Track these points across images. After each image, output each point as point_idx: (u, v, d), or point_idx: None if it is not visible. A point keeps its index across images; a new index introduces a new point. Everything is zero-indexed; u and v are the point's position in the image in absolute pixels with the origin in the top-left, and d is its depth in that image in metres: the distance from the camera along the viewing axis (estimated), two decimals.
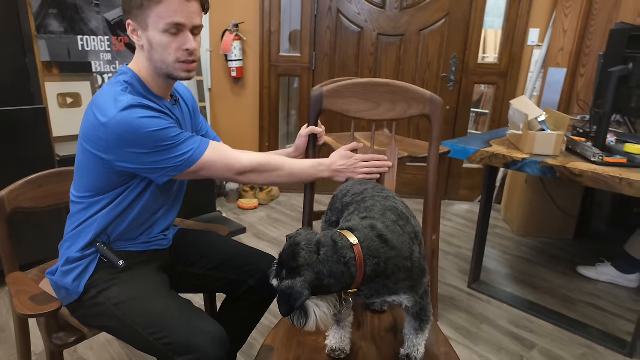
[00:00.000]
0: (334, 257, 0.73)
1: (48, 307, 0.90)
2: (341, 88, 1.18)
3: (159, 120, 0.92)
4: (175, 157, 0.94)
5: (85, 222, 1.02)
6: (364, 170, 1.12)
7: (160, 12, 0.91)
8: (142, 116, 0.90)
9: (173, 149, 0.94)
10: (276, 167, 1.06)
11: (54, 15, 2.22)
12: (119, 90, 0.94)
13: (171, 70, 0.97)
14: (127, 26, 0.96)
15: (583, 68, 2.84)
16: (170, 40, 0.94)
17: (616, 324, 1.88)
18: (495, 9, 3.35)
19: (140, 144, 0.91)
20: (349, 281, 0.76)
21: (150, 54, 0.96)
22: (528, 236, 2.73)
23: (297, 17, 3.15)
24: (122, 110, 0.89)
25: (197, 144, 0.97)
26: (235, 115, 3.22)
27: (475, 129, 4.30)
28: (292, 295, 0.71)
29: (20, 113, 1.79)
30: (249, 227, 2.74)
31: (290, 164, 1.08)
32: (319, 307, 0.77)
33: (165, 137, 0.93)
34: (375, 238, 0.75)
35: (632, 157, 1.52)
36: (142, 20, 0.93)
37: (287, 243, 0.77)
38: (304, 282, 0.72)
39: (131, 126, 0.89)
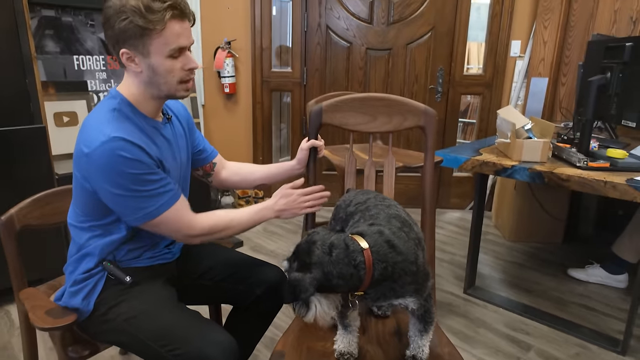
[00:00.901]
0: (344, 259, 0.78)
1: (65, 320, 0.92)
2: (339, 103, 1.23)
3: (139, 163, 0.92)
4: (145, 207, 0.95)
5: (87, 248, 1.04)
6: (306, 204, 1.14)
7: (164, 38, 0.92)
8: (123, 155, 0.90)
9: (144, 199, 0.95)
10: (225, 226, 1.07)
11: (50, 35, 2.25)
12: (106, 118, 0.94)
13: (173, 91, 1.00)
14: (121, 55, 0.94)
15: (564, 77, 2.96)
16: (174, 63, 0.96)
17: (607, 323, 1.94)
18: (478, 22, 3.48)
19: (115, 183, 0.92)
20: (357, 283, 0.80)
21: (152, 78, 0.97)
22: (519, 241, 2.80)
23: (286, 33, 3.23)
24: (104, 142, 0.90)
25: (166, 199, 0.98)
26: (229, 130, 3.26)
27: (464, 139, 4.40)
28: (298, 288, 0.77)
29: (20, 132, 1.82)
30: (246, 241, 2.76)
31: (237, 217, 1.10)
32: (321, 303, 0.81)
33: (139, 183, 0.93)
34: (383, 243, 0.80)
35: (615, 161, 1.60)
36: (142, 48, 0.93)
37: (305, 238, 0.83)
38: (312, 280, 0.77)
39: (110, 162, 0.90)
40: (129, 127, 0.95)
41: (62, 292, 1.09)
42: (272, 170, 1.30)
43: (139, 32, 0.91)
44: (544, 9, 2.85)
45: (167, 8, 0.91)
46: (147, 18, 0.89)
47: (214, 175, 1.30)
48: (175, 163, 1.09)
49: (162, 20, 0.91)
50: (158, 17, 0.90)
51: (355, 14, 3.08)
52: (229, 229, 1.08)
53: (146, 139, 0.98)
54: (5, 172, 1.82)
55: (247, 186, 1.35)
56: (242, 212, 1.11)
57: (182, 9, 0.94)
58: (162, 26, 0.91)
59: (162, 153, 1.02)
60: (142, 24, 0.90)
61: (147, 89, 0.99)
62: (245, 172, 1.32)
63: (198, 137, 1.26)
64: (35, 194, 1.20)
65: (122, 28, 0.91)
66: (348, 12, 3.08)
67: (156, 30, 0.91)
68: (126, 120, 0.97)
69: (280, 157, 3.85)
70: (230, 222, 1.08)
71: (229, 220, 1.08)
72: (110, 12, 0.91)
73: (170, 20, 0.92)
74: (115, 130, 0.91)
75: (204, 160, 1.27)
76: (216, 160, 1.30)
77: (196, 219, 1.04)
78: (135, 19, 0.89)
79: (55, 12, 2.25)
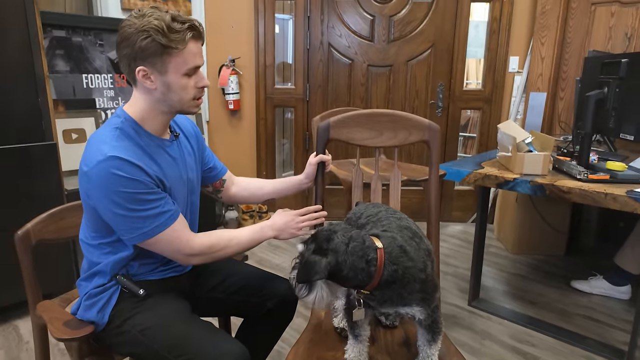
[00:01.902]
0: (359, 252, 0.82)
1: (83, 331, 0.95)
2: (346, 118, 1.28)
3: (135, 182, 0.94)
4: (141, 227, 0.97)
5: (98, 265, 1.06)
6: (304, 224, 1.16)
7: (183, 58, 0.97)
8: (118, 174, 0.92)
9: (141, 219, 0.96)
10: (224, 245, 1.07)
11: (61, 55, 2.31)
12: (107, 137, 0.97)
13: (186, 107, 1.04)
14: (137, 72, 0.97)
15: (562, 92, 3.02)
16: (188, 81, 1.00)
17: (612, 334, 1.95)
18: (476, 39, 3.57)
19: (112, 201, 0.94)
20: (366, 280, 0.83)
21: (166, 95, 1.00)
22: (521, 254, 2.82)
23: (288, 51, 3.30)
24: (100, 161, 0.92)
25: (163, 219, 0.99)
26: (233, 146, 3.31)
27: (464, 152, 4.45)
28: (312, 269, 0.80)
29: (32, 149, 1.86)
30: (251, 255, 2.78)
31: (237, 236, 1.10)
32: (323, 289, 0.85)
33: (135, 202, 0.95)
34: (396, 247, 0.84)
35: (614, 173, 1.63)
36: (160, 66, 0.97)
37: (326, 226, 0.87)
38: (327, 264, 0.81)
39: (106, 180, 0.93)
40: (129, 145, 0.98)
41: (77, 305, 1.11)
42: (280, 185, 1.33)
43: (159, 51, 0.95)
44: (540, 27, 2.93)
45: (188, 29, 0.96)
46: (169, 37, 0.94)
47: (224, 191, 1.33)
48: (181, 181, 1.11)
49: (184, 40, 0.96)
50: (179, 37, 0.95)
51: (356, 32, 3.16)
52: (228, 248, 1.08)
53: (147, 157, 1.00)
54: (17, 188, 1.86)
55: (255, 201, 1.38)
56: (241, 231, 1.11)
57: (200, 31, 1.00)
58: (183, 46, 0.96)
59: (165, 171, 1.04)
60: (165, 43, 0.94)
61: (157, 105, 1.02)
62: (254, 188, 1.35)
63: (208, 154, 1.29)
64: (46, 209, 1.23)
65: (142, 46, 0.94)
66: (349, 30, 3.15)
67: (177, 50, 0.96)
68: (127, 139, 0.99)
69: (284, 171, 3.89)
70: (229, 242, 1.08)
71: (228, 239, 1.08)
72: (130, 30, 0.95)
73: (190, 40, 0.97)
74: (112, 149, 0.94)
75: (214, 178, 1.30)
76: (226, 177, 1.33)
77: (195, 238, 1.05)
78: (158, 37, 0.93)
79: (66, 32, 2.32)
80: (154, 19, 0.94)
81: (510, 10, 3.05)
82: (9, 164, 1.83)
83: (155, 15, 0.95)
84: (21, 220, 1.18)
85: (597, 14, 2.83)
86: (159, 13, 0.96)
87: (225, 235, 1.09)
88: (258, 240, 1.13)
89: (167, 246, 1.01)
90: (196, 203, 1.22)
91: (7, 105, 1.79)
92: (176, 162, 1.10)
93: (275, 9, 3.15)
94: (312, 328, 1.16)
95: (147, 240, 0.99)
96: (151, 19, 0.94)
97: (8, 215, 1.83)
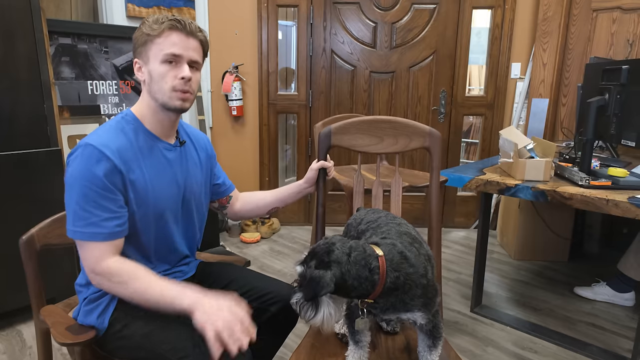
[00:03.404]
0: (362, 261, 0.82)
1: (86, 336, 0.95)
2: (348, 125, 1.29)
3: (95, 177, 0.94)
4: (71, 222, 0.97)
5: None
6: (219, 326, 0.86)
7: (160, 45, 1.02)
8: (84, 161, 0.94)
9: (77, 215, 0.96)
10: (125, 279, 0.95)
11: (66, 62, 2.34)
12: (102, 128, 1.03)
13: (166, 99, 1.04)
14: (134, 65, 1.06)
15: (564, 98, 3.02)
16: (168, 69, 1.03)
17: (616, 341, 1.94)
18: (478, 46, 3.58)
19: (69, 184, 0.97)
20: (370, 288, 0.83)
21: (150, 85, 1.04)
22: (524, 260, 2.81)
23: (292, 56, 3.33)
24: (79, 146, 0.97)
25: (93, 231, 0.96)
26: (236, 152, 3.33)
27: (467, 158, 4.45)
28: (319, 284, 0.79)
29: (38, 155, 1.88)
30: (253, 261, 2.78)
31: (147, 280, 0.95)
32: (329, 306, 0.83)
33: (84, 197, 0.95)
34: (397, 254, 0.84)
35: (616, 179, 1.63)
36: (144, 55, 1.04)
37: (322, 241, 0.86)
38: (332, 276, 0.80)
39: (73, 163, 0.97)
40: (117, 139, 1.01)
41: (78, 310, 1.12)
42: (282, 193, 1.33)
43: (143, 40, 1.02)
44: (542, 33, 2.94)
45: (171, 20, 1.03)
46: (152, 27, 1.02)
47: (229, 207, 1.35)
48: (175, 185, 1.12)
49: (161, 28, 1.02)
50: (160, 26, 1.02)
51: (359, 39, 3.18)
52: (126, 285, 0.95)
53: (132, 155, 1.02)
54: (22, 193, 1.88)
55: (260, 213, 1.38)
56: (158, 282, 0.95)
57: (184, 25, 1.04)
58: (159, 32, 1.01)
59: (147, 174, 1.04)
60: (146, 31, 1.02)
61: (150, 101, 1.06)
62: (257, 200, 1.36)
63: (218, 171, 1.32)
64: (51, 215, 1.23)
65: (134, 38, 1.05)
66: (352, 37, 3.18)
67: (155, 37, 1.02)
68: (120, 132, 1.03)
69: (286, 177, 3.90)
70: (133, 280, 0.95)
71: (134, 277, 0.95)
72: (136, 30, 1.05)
73: (168, 29, 1.02)
74: (95, 139, 0.98)
75: (221, 194, 1.32)
76: (232, 194, 1.35)
77: (108, 259, 0.97)
78: (145, 28, 1.02)
79: (72, 39, 2.35)
80: (152, 18, 1.03)
81: (512, 16, 3.07)
82: (15, 169, 1.85)
83: (158, 15, 1.05)
84: (26, 226, 1.19)
85: (598, 20, 2.84)
86: (166, 15, 1.04)
87: (137, 274, 0.96)
88: (171, 301, 0.92)
89: (82, 253, 0.99)
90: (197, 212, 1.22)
91: (13, 111, 1.82)
92: (171, 166, 1.11)
93: (278, 16, 3.18)
94: (313, 333, 1.16)
95: (72, 237, 0.99)
96: (153, 17, 1.04)
97: (13, 220, 1.85)
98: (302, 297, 0.84)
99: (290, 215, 3.47)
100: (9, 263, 1.84)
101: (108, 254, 0.99)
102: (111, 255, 0.99)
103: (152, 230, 1.10)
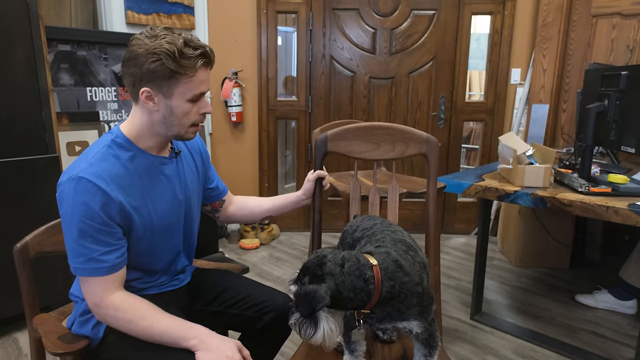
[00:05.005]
0: (356, 272, 0.80)
1: (77, 346, 0.94)
2: (344, 131, 1.28)
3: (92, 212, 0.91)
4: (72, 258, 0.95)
5: None
6: None
7: (191, 84, 0.95)
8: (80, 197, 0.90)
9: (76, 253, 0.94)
10: (130, 319, 0.94)
11: (65, 69, 2.35)
12: (92, 153, 0.97)
13: (183, 133, 1.02)
14: (141, 93, 0.95)
15: (564, 103, 3.01)
16: (191, 106, 0.99)
17: (617, 350, 1.91)
18: (478, 51, 3.58)
19: (66, 221, 0.93)
20: (366, 299, 0.82)
21: (167, 119, 0.98)
22: (525, 267, 2.79)
23: (292, 62, 3.33)
24: (70, 179, 0.92)
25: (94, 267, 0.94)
26: (235, 158, 3.32)
27: (467, 164, 4.44)
28: (315, 298, 0.77)
29: (35, 162, 1.88)
30: (252, 267, 2.77)
31: (154, 319, 0.95)
32: (328, 321, 0.81)
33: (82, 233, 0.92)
34: (391, 262, 0.83)
35: (616, 186, 1.62)
36: (166, 90, 0.95)
37: (313, 255, 0.84)
38: (327, 289, 0.78)
39: (67, 198, 0.91)
40: (111, 166, 0.96)
41: (72, 319, 1.11)
42: (279, 202, 1.32)
43: (168, 75, 0.93)
44: (542, 38, 2.94)
45: (199, 56, 0.95)
46: (180, 63, 0.92)
47: (222, 211, 1.34)
48: (175, 201, 1.10)
49: (194, 67, 0.94)
50: (190, 63, 0.93)
51: (358, 45, 3.18)
52: (133, 324, 0.95)
53: (129, 181, 0.99)
54: (20, 200, 1.87)
55: (253, 220, 1.37)
56: (163, 319, 0.96)
57: (211, 58, 0.99)
58: (193, 72, 0.95)
59: (146, 197, 1.02)
60: (174, 68, 0.92)
61: (155, 127, 1.01)
62: (252, 206, 1.35)
63: (212, 174, 1.29)
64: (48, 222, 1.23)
65: (151, 68, 0.92)
66: (351, 43, 3.18)
67: (186, 76, 0.94)
68: (113, 158, 0.97)
69: (286, 183, 3.89)
70: (140, 319, 0.95)
71: (141, 316, 0.95)
72: (140, 51, 0.92)
73: (200, 67, 0.96)
74: (87, 168, 0.93)
75: (214, 197, 1.31)
76: (225, 197, 1.34)
77: (113, 294, 0.96)
78: (168, 62, 0.91)
79: (71, 46, 2.36)
80: (165, 42, 0.92)
81: (511, 22, 3.07)
82: (12, 176, 1.84)
83: (168, 38, 0.93)
84: (23, 233, 1.19)
85: (598, 26, 2.83)
86: (171, 36, 0.94)
87: (141, 311, 0.96)
88: (175, 340, 0.94)
89: (84, 289, 0.97)
90: (195, 220, 1.22)
91: (11, 118, 1.82)
92: (170, 182, 1.09)
93: (277, 22, 3.18)
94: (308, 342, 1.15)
95: (74, 274, 0.97)
96: (163, 41, 0.92)
97: (10, 227, 1.84)
98: (300, 316, 0.82)
99: (290, 221, 3.46)
100: (7, 270, 1.83)
101: (111, 288, 0.96)
102: (114, 289, 0.97)
103: (158, 247, 1.10)
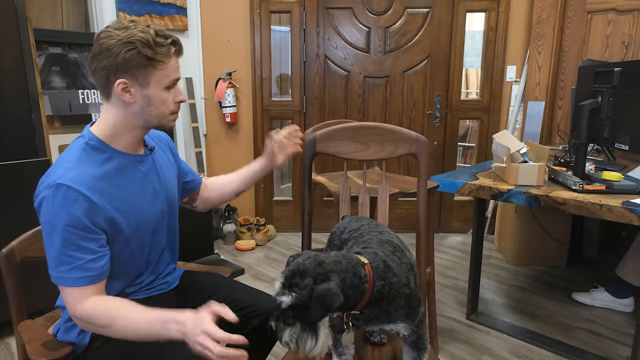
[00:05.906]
0: (352, 269, 0.77)
1: (60, 353, 0.93)
2: (333, 132, 1.27)
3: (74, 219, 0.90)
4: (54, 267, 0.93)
5: None
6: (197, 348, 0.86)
7: (166, 71, 0.98)
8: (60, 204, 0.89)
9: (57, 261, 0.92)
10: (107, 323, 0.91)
11: (57, 72, 2.33)
12: (69, 157, 0.95)
13: (164, 122, 1.03)
14: (117, 85, 0.94)
15: (560, 100, 3.00)
16: (168, 94, 1.01)
17: (614, 349, 1.90)
18: (473, 49, 3.57)
19: (46, 228, 0.92)
20: (358, 298, 0.79)
21: (145, 109, 0.98)
22: (522, 265, 2.77)
23: (286, 62, 3.32)
24: (49, 186, 0.90)
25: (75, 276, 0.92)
26: (230, 158, 3.31)
27: (464, 162, 4.42)
28: (329, 297, 0.70)
29: (25, 166, 1.86)
30: (247, 268, 2.76)
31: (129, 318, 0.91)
32: (325, 326, 0.77)
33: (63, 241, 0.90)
34: (380, 262, 0.81)
35: (610, 183, 1.61)
36: (142, 79, 0.96)
37: (300, 258, 0.78)
38: (337, 285, 0.72)
39: (46, 205, 0.90)
40: (89, 170, 0.95)
41: (58, 326, 1.09)
42: (246, 176, 1.31)
43: (144, 63, 0.94)
44: (537, 35, 2.93)
45: (171, 44, 0.98)
46: (155, 50, 0.95)
47: (198, 200, 1.33)
48: (156, 196, 1.10)
49: (168, 53, 0.97)
50: (165, 50, 0.96)
51: (352, 44, 3.17)
52: (110, 328, 0.92)
53: (110, 183, 0.98)
54: (10, 205, 1.86)
55: (228, 198, 1.35)
56: (141, 316, 0.92)
57: (181, 46, 1.01)
58: (168, 59, 0.97)
59: (128, 198, 1.02)
60: (150, 55, 0.94)
61: (132, 120, 1.00)
62: (222, 186, 1.33)
63: (184, 167, 1.28)
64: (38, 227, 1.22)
65: (127, 57, 0.93)
66: (345, 42, 3.17)
67: (162, 63, 0.96)
68: (89, 161, 0.96)
69: (282, 184, 3.88)
70: (115, 321, 0.91)
71: (115, 318, 0.91)
72: (112, 42, 0.93)
73: (173, 54, 0.99)
74: (65, 173, 0.91)
75: (191, 190, 1.30)
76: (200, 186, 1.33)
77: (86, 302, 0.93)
78: (144, 49, 0.93)
79: (62, 49, 2.34)
80: (138, 32, 0.94)
81: (506, 19, 3.05)
82: (2, 180, 1.83)
83: (140, 28, 0.95)
84: (13, 238, 1.17)
85: (593, 22, 2.82)
86: (141, 27, 0.96)
87: (114, 312, 0.92)
88: (157, 334, 0.90)
89: (64, 296, 0.95)
90: (177, 215, 1.21)
91: (0, 122, 1.80)
92: (149, 179, 1.08)
93: (271, 22, 3.17)
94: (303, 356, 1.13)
95: (56, 283, 0.94)
96: (135, 31, 0.94)
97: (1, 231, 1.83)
98: (295, 330, 0.75)
99: (286, 222, 3.44)
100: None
101: (84, 296, 0.93)
102: (87, 296, 0.94)
103: (146, 246, 1.10)
